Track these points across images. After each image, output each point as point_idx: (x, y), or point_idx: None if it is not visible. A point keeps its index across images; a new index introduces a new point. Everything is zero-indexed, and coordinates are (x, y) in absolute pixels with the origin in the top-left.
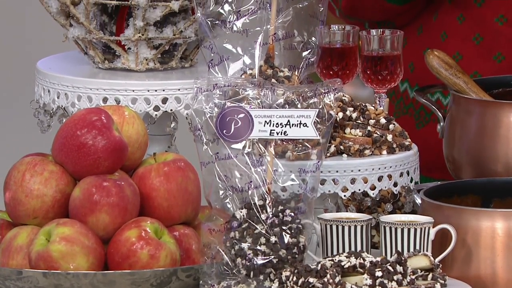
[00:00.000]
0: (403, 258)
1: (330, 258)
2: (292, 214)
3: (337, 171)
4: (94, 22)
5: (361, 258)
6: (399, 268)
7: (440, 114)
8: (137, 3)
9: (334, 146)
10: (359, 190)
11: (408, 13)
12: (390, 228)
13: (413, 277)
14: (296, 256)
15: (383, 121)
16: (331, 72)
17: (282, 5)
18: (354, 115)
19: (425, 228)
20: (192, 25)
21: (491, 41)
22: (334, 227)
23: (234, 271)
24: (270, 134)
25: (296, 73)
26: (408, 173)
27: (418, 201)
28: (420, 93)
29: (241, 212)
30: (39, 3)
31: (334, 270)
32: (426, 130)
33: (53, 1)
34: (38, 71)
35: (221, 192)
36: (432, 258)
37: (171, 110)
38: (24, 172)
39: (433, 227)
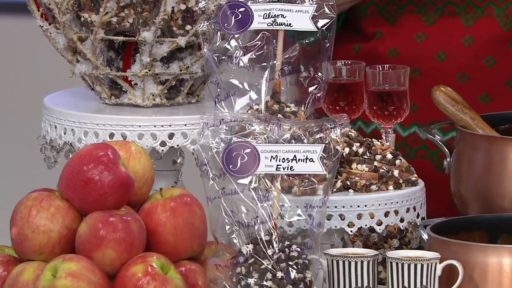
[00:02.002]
0: None
1: None
2: (299, 249)
3: (343, 207)
4: (101, 58)
5: None
6: None
7: (446, 150)
8: (144, 39)
9: (341, 181)
10: (366, 225)
11: None
12: (397, 263)
13: None
14: None
15: (389, 156)
16: (337, 108)
17: (288, 41)
18: (361, 150)
19: (432, 264)
20: (199, 61)
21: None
22: (341, 263)
23: None
24: (276, 169)
25: (303, 108)
26: (414, 208)
27: (425, 236)
28: (427, 129)
29: (247, 247)
30: (46, 39)
31: None
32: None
33: (60, 37)
34: (45, 107)
35: (227, 227)
36: None
37: (177, 145)
38: (31, 207)
39: (440, 263)
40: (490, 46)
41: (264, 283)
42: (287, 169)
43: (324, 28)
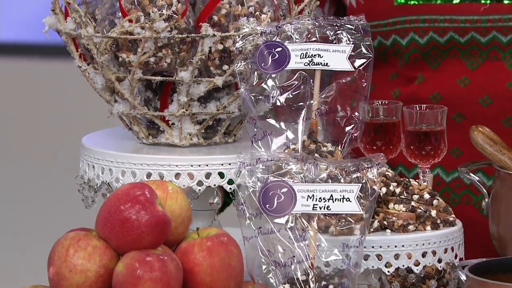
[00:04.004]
0: None
1: None
2: None
3: (380, 247)
4: (139, 98)
5: None
6: None
7: (485, 190)
8: (181, 79)
9: (378, 221)
10: (403, 266)
11: None
12: None
13: None
14: None
15: (426, 196)
16: (374, 147)
17: (325, 80)
18: (398, 190)
19: None
20: (236, 101)
21: None
22: None
23: None
24: (313, 209)
25: (339, 148)
26: (452, 249)
27: (463, 277)
28: (464, 170)
29: (284, 287)
30: (84, 79)
31: None
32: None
33: (98, 77)
34: (83, 147)
35: (264, 267)
36: None
37: (214, 185)
38: (68, 247)
39: None
40: None
41: None
42: (324, 208)
43: (361, 67)
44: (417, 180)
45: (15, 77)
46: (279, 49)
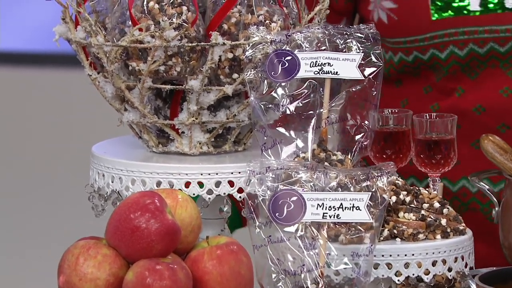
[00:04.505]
0: None
1: None
2: None
3: (390, 255)
4: (149, 107)
5: None
6: None
7: (495, 199)
8: (191, 87)
9: (388, 230)
10: (413, 274)
11: None
12: None
13: None
14: None
15: (437, 205)
16: (384, 156)
17: (335, 89)
18: (408, 199)
19: None
20: (246, 109)
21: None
22: None
23: None
24: (323, 217)
25: (349, 156)
26: (462, 258)
27: (473, 286)
28: (475, 179)
29: None
30: (94, 88)
31: None
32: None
33: (108, 86)
34: (93, 156)
35: (273, 275)
36: None
37: (224, 193)
38: (78, 255)
39: None
40: None
41: None
42: (334, 217)
43: (371, 76)
44: (427, 189)
45: (25, 86)
46: (289, 57)
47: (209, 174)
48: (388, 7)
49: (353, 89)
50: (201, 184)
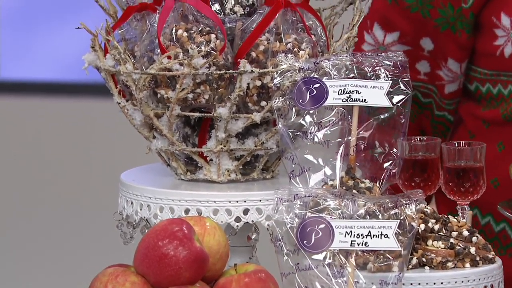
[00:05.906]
0: None
1: None
2: None
3: (419, 283)
4: (177, 134)
5: None
6: None
7: None
8: (220, 115)
9: (416, 258)
10: None
11: None
12: None
13: None
14: None
15: (465, 233)
16: (412, 184)
17: (363, 117)
18: (436, 227)
19: None
20: (274, 137)
21: None
22: None
23: None
24: (351, 245)
25: (378, 184)
26: (492, 286)
27: None
28: (504, 207)
29: None
30: (123, 115)
31: None
32: None
33: (137, 114)
34: (122, 183)
35: None
36: None
37: (252, 221)
38: (106, 283)
39: None
40: None
41: None
42: (362, 245)
43: (399, 104)
44: (455, 217)
45: (53, 116)
46: (317, 85)
47: (237, 201)
48: None
49: (382, 117)
50: (229, 212)
